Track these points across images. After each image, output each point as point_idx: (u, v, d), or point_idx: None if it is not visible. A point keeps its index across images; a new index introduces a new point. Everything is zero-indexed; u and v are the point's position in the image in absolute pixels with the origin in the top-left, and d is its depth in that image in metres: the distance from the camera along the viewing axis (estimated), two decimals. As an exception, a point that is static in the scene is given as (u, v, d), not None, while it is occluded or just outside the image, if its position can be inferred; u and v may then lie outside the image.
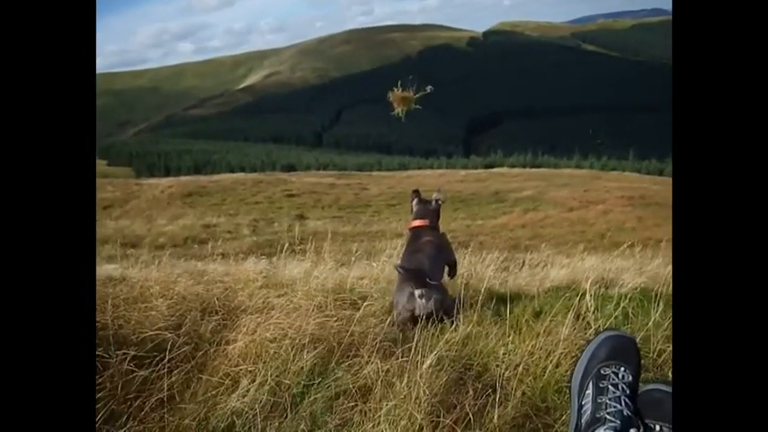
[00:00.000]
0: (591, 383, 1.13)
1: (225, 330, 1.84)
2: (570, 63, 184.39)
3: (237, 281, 2.47)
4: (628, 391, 1.11)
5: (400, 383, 1.45)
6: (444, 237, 2.39)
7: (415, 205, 2.42)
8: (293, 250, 3.21)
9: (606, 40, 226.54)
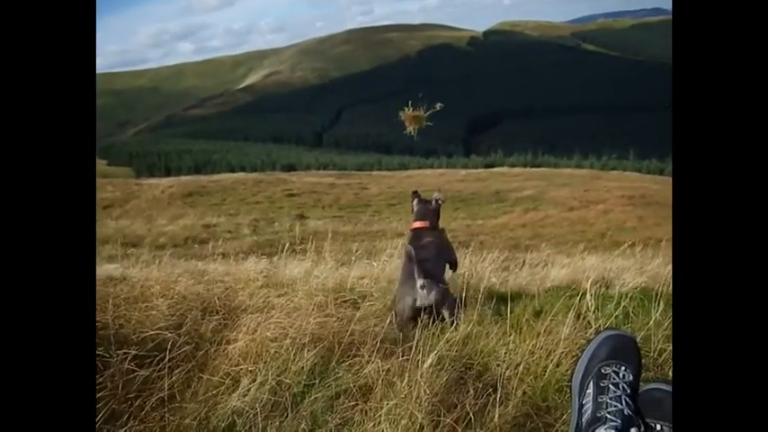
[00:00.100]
0: (591, 383, 1.13)
1: (225, 330, 1.83)
2: (570, 63, 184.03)
3: (238, 280, 2.47)
4: (628, 391, 1.11)
5: (401, 383, 1.45)
6: (444, 235, 2.41)
7: (416, 206, 2.42)
8: (294, 250, 3.21)
9: (606, 39, 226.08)
